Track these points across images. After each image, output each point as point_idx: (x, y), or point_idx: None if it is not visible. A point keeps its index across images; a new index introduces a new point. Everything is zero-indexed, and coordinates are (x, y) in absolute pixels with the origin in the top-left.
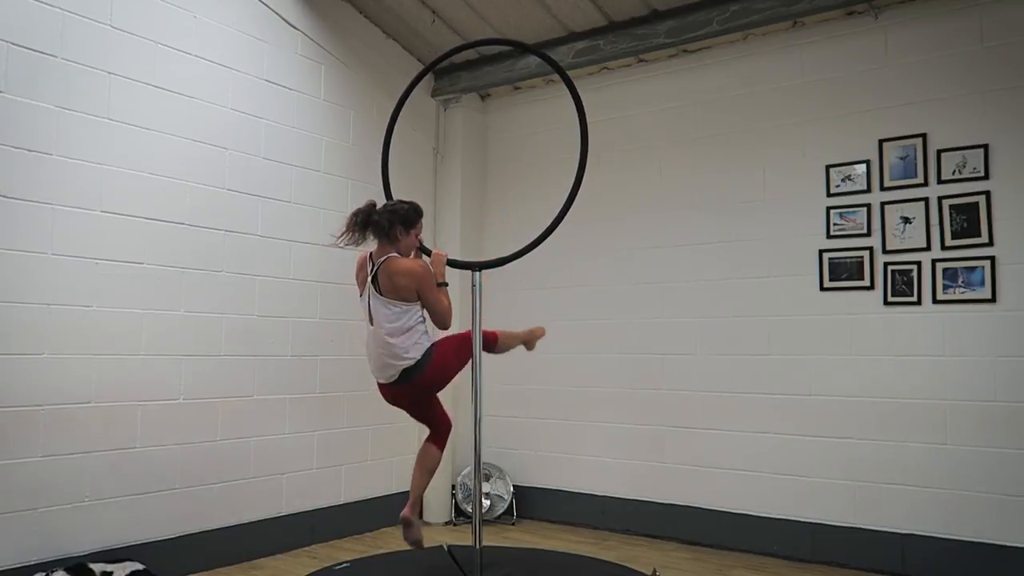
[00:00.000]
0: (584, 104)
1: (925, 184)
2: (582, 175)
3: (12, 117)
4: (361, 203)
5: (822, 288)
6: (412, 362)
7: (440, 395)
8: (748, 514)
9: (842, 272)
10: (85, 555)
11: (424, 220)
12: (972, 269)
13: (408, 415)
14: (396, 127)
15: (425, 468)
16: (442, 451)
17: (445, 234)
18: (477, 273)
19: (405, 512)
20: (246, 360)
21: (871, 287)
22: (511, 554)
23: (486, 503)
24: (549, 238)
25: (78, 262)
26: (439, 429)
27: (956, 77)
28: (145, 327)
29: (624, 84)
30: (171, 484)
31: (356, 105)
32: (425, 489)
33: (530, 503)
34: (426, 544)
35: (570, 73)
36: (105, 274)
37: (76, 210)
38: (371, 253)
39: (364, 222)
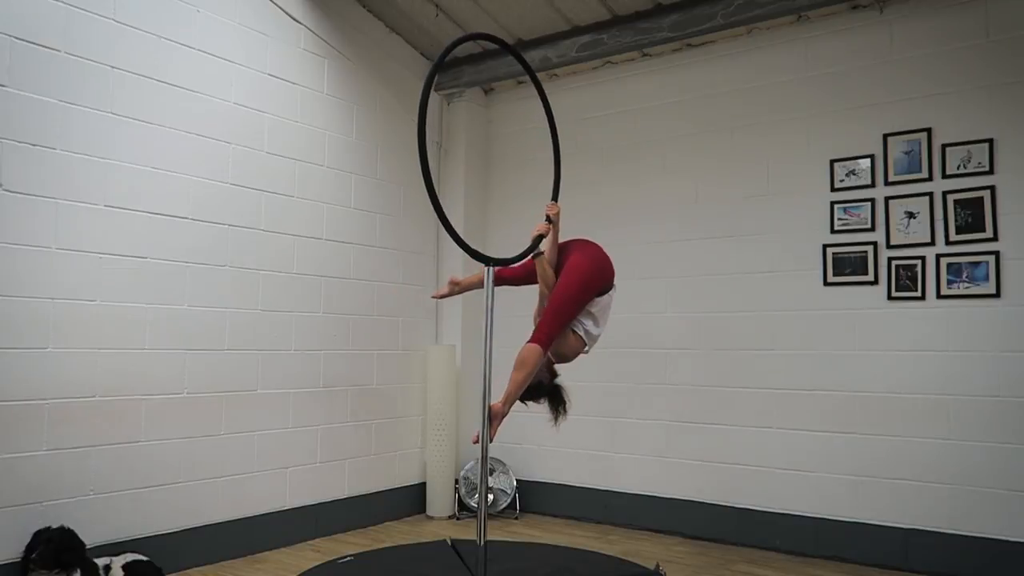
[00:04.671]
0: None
1: (930, 179)
2: (559, 175)
3: (16, 111)
4: (364, 194)
5: (826, 283)
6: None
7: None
8: (751, 509)
9: (846, 267)
10: (89, 548)
11: (428, 214)
12: (976, 264)
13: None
14: (398, 122)
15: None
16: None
17: None
18: (489, 268)
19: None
20: (250, 354)
21: (875, 282)
22: (515, 549)
23: (489, 497)
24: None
25: (82, 256)
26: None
27: (961, 71)
28: (149, 321)
29: (628, 78)
30: (175, 478)
31: (359, 100)
32: (520, 387)
33: (533, 497)
34: (430, 539)
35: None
36: (109, 268)
37: (80, 204)
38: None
39: None
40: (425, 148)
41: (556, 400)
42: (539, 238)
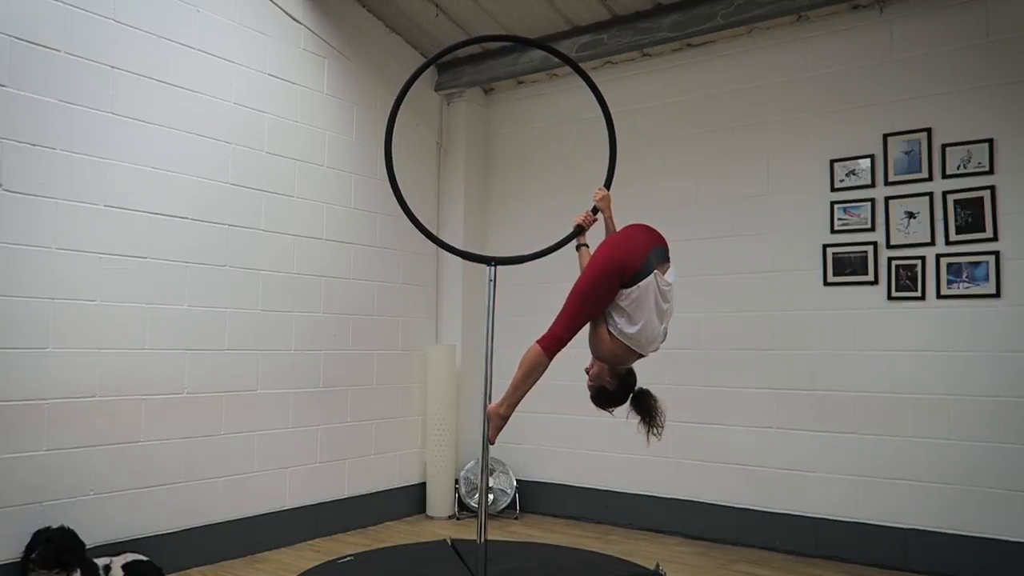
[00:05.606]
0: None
1: (930, 179)
2: (614, 159)
3: (16, 111)
4: (364, 194)
5: (826, 283)
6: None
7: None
8: (751, 509)
9: (846, 267)
10: (89, 548)
11: (427, 215)
12: (976, 264)
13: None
14: (399, 122)
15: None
16: (536, 349)
17: (448, 228)
18: (492, 268)
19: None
20: (250, 354)
21: (875, 282)
22: (515, 549)
23: (489, 497)
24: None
25: (82, 256)
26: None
27: (961, 71)
28: (149, 321)
29: (628, 78)
30: (175, 478)
31: (359, 100)
32: (519, 388)
33: (533, 497)
34: (430, 539)
35: None
36: (109, 268)
37: (80, 204)
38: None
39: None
40: (391, 139)
41: (640, 409)
42: (579, 228)
